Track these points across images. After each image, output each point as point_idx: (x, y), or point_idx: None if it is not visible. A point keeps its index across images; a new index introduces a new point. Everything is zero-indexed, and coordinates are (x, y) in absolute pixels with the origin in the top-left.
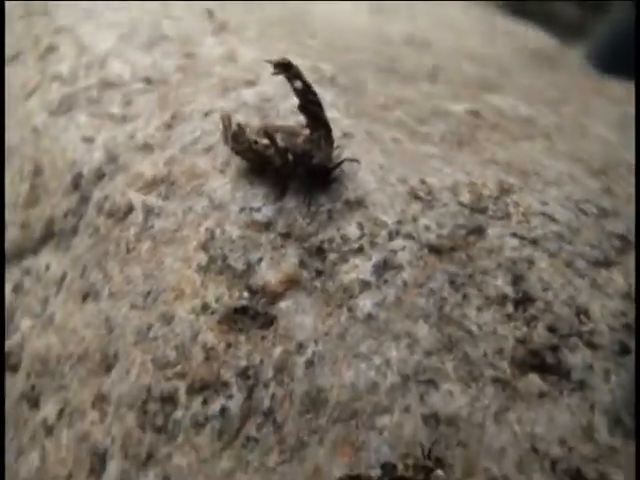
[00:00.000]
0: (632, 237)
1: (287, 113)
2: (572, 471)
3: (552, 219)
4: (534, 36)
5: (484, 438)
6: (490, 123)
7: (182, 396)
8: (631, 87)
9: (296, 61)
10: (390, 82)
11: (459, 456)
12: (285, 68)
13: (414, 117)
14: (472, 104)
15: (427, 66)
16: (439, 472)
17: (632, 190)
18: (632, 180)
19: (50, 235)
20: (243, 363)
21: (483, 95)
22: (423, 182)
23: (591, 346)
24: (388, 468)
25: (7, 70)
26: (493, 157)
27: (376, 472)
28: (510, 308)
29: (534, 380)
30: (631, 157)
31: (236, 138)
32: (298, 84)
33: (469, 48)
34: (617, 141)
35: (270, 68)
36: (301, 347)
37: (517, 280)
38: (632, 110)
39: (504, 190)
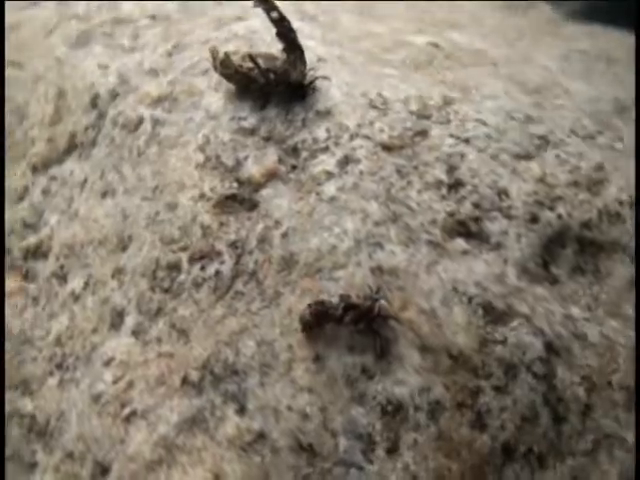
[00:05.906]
0: (552, 137)
1: (271, 41)
2: (485, 303)
3: (484, 123)
4: None
5: (417, 283)
6: (446, 53)
7: (185, 264)
8: (585, 28)
9: (280, 4)
10: (364, 21)
11: (397, 297)
12: (263, 1)
13: (380, 47)
14: (433, 38)
15: (401, 10)
16: (383, 302)
17: (560, 102)
18: (562, 97)
19: (73, 147)
20: (233, 237)
21: (445, 32)
22: (380, 95)
23: (508, 217)
24: (344, 297)
25: (28, 13)
26: (442, 78)
27: (335, 299)
28: (444, 190)
29: (460, 242)
30: (566, 81)
31: (224, 64)
32: (274, 14)
33: None
34: (558, 69)
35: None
36: (278, 223)
37: (451, 170)
38: (579, 45)
39: (447, 102)
